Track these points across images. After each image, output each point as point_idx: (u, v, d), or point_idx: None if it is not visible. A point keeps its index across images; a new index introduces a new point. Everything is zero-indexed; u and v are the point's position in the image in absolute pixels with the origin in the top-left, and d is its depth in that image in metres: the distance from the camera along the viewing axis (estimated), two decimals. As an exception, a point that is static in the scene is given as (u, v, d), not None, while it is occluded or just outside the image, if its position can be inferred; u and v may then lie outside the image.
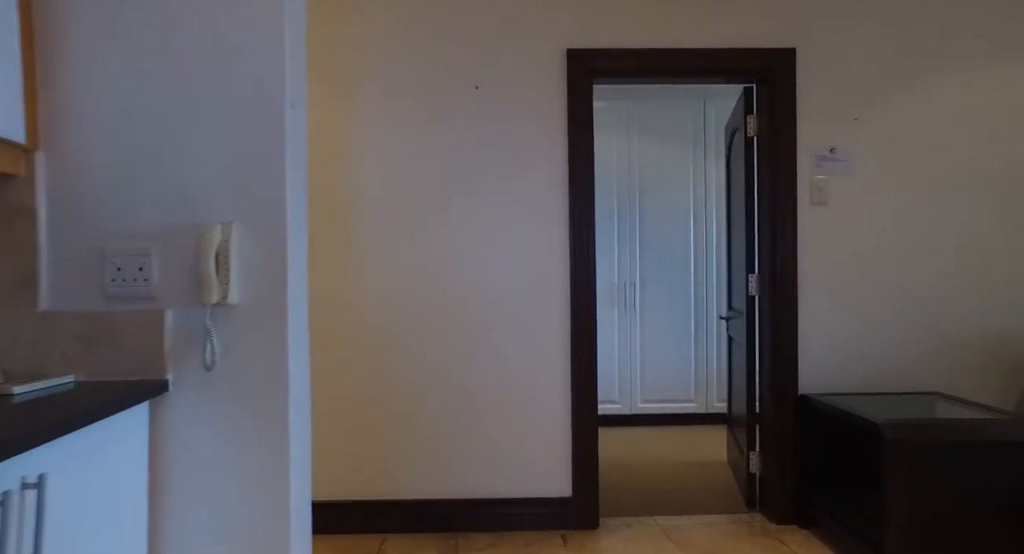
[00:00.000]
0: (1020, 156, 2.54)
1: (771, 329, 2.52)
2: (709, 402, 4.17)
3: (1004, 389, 2.55)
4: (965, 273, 2.54)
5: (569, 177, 2.46)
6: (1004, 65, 2.54)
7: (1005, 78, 2.54)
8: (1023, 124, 2.54)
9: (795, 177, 2.48)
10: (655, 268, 4.17)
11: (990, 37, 2.54)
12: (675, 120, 4.17)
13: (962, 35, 2.53)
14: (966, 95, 2.53)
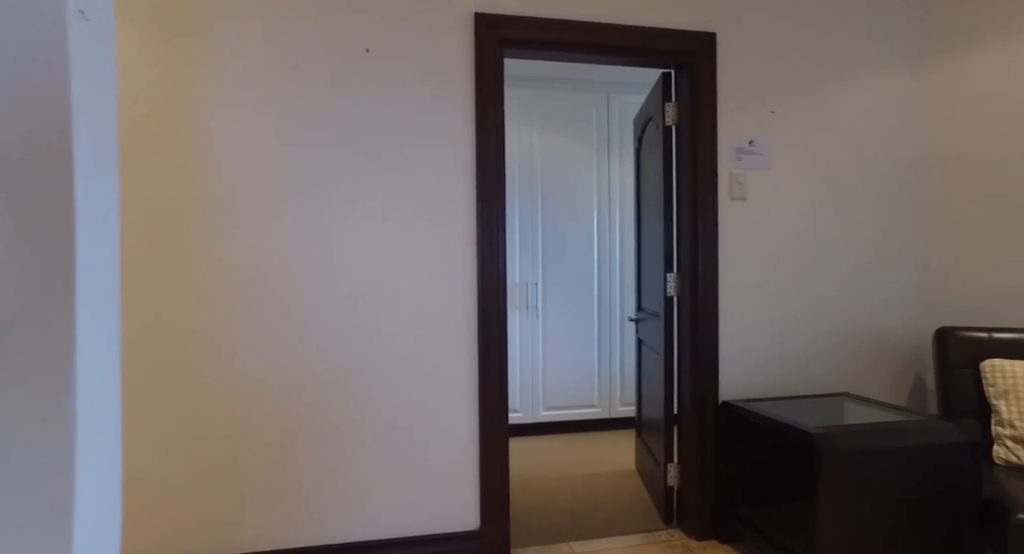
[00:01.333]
0: (917, 158, 2.59)
1: (692, 332, 2.35)
2: (612, 407, 4.03)
3: (899, 384, 2.58)
4: (866, 273, 2.54)
5: (477, 161, 2.13)
6: (905, 69, 2.58)
7: (907, 82, 2.58)
8: (922, 128, 2.60)
9: (716, 170, 2.33)
10: (558, 268, 3.95)
11: (893, 42, 2.56)
12: (579, 114, 3.98)
13: (870, 37, 2.53)
14: (876, 96, 2.54)
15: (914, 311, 2.60)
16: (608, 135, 4.03)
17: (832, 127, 2.48)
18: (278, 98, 2.01)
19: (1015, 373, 2.09)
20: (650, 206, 2.78)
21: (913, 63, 2.62)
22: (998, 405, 2.09)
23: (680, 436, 2.44)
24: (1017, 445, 2.02)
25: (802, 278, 2.45)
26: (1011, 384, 2.08)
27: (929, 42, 2.62)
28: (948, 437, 1.86)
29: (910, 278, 2.59)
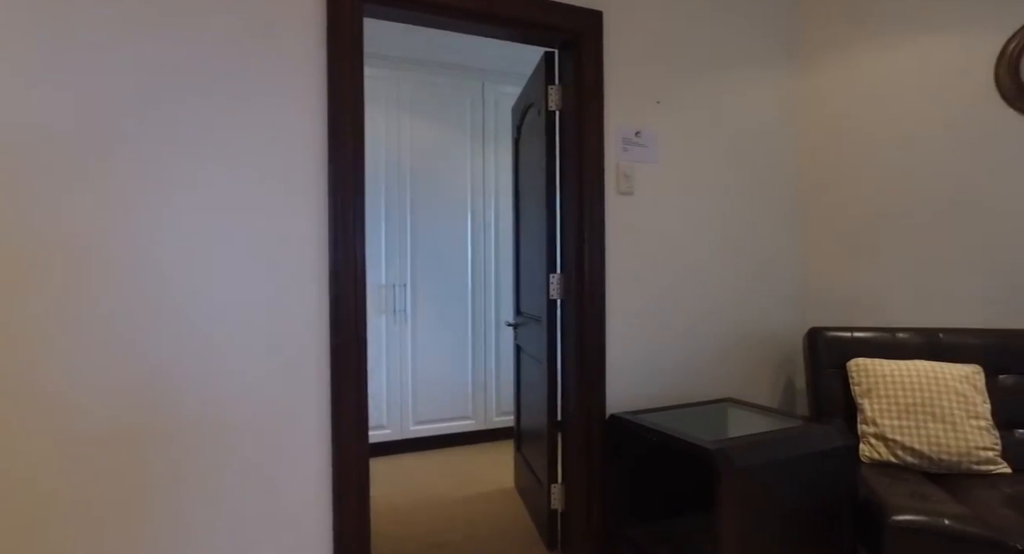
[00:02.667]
0: (795, 163, 2.62)
1: (577, 338, 2.14)
2: (488, 417, 3.77)
3: (774, 385, 2.59)
4: (749, 275, 2.51)
5: (329, 136, 1.73)
6: (784, 72, 2.59)
7: (785, 86, 2.59)
8: (799, 133, 2.62)
9: (603, 161, 2.14)
10: (429, 269, 3.61)
11: (772, 42, 2.56)
12: (452, 101, 3.67)
13: (751, 34, 2.50)
14: (757, 95, 2.51)
15: (790, 314, 2.62)
16: (483, 126, 3.76)
17: (717, 124, 2.41)
18: (31, 40, 1.47)
19: (878, 372, 2.12)
20: (530, 201, 2.55)
21: (790, 66, 2.64)
22: (863, 403, 2.12)
23: (565, 453, 2.22)
24: (879, 442, 2.05)
25: (689, 280, 2.35)
26: (874, 383, 2.11)
27: (802, 50, 2.66)
28: (831, 442, 1.81)
29: (789, 281, 2.60)
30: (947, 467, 1.99)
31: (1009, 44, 2.39)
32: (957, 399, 2.02)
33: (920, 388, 2.06)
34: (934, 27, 2.48)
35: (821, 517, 1.80)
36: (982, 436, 1.98)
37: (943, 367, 2.09)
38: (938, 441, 1.99)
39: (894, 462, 2.03)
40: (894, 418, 2.05)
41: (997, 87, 2.42)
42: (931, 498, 1.76)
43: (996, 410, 2.11)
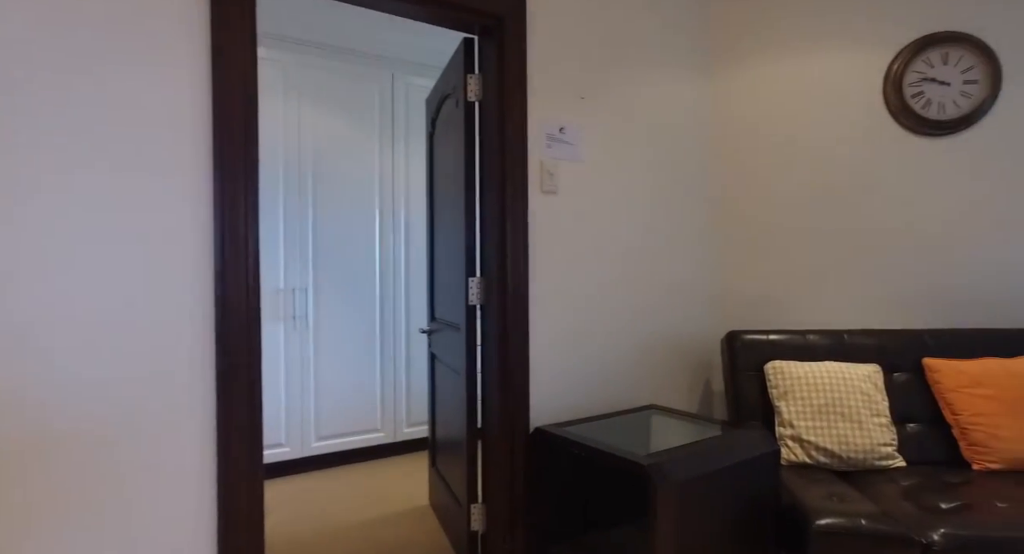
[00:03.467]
0: (711, 164, 2.64)
1: (500, 347, 2.00)
2: (398, 429, 3.54)
3: (693, 390, 2.60)
4: (671, 279, 2.50)
5: (215, 116, 1.46)
6: (700, 77, 2.60)
7: (701, 89, 2.60)
8: (713, 134, 2.64)
9: (526, 157, 2.02)
10: (334, 271, 3.33)
11: (696, 43, 2.56)
12: (359, 92, 3.41)
13: (678, 38, 2.48)
14: (676, 97, 2.50)
15: (708, 318, 2.63)
16: (393, 118, 3.54)
17: (639, 124, 2.37)
18: None
19: (793, 374, 2.16)
20: (446, 199, 2.38)
21: (706, 71, 2.67)
22: (780, 406, 2.15)
23: (486, 470, 2.07)
24: (796, 444, 2.08)
25: (612, 284, 2.28)
26: (790, 385, 2.15)
27: (716, 57, 2.70)
28: (757, 448, 1.80)
29: (707, 285, 2.62)
30: (854, 464, 2.05)
31: (893, 64, 2.55)
32: (862, 398, 2.10)
33: (830, 389, 2.11)
34: (832, 44, 2.59)
35: (749, 524, 1.78)
36: (883, 433, 2.06)
37: (849, 368, 2.17)
38: (847, 440, 2.05)
39: (809, 463, 2.07)
40: (808, 419, 2.09)
41: (885, 104, 2.57)
42: (846, 498, 1.79)
43: (892, 406, 2.22)
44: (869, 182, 2.57)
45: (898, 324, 2.53)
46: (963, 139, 2.53)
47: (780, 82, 2.63)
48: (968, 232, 2.52)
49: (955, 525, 1.64)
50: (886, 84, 2.56)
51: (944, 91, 2.53)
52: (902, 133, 2.56)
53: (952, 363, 2.17)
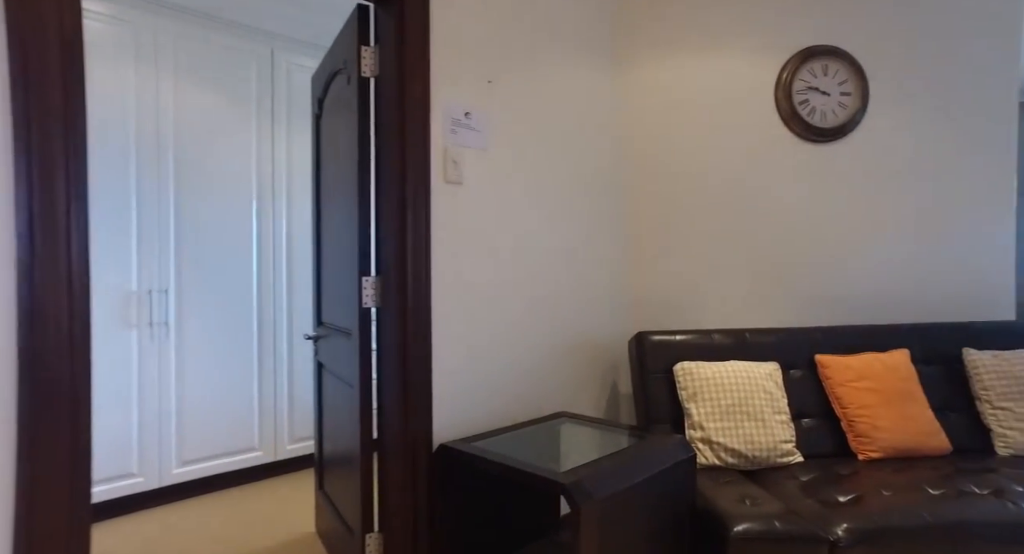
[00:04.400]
0: (617, 161, 2.57)
1: (400, 355, 1.77)
2: (279, 447, 3.17)
3: (601, 393, 2.52)
4: (578, 279, 2.40)
5: (11, 63, 1.11)
6: (605, 67, 2.52)
7: (606, 82, 2.53)
8: (618, 130, 2.58)
9: (429, 143, 1.81)
10: (201, 270, 2.90)
11: (606, 34, 2.48)
12: (232, 66, 3.00)
13: (589, 26, 2.38)
14: (584, 90, 2.40)
15: (615, 319, 2.57)
16: (273, 99, 3.16)
17: (548, 114, 2.24)
18: None
19: (701, 375, 2.14)
20: (337, 189, 2.11)
21: (617, 65, 2.60)
22: (690, 408, 2.12)
23: (383, 494, 1.83)
24: (706, 446, 2.06)
25: (520, 284, 2.13)
26: (699, 386, 2.12)
27: (625, 52, 2.64)
28: (675, 455, 1.73)
29: (614, 285, 2.55)
30: (759, 463, 2.06)
31: (783, 71, 2.64)
32: (765, 397, 2.12)
33: (737, 389, 2.11)
34: (732, 45, 2.64)
35: (668, 533, 1.70)
36: (784, 430, 2.10)
37: (752, 366, 2.18)
38: (753, 439, 2.05)
39: (718, 465, 2.05)
40: (717, 420, 2.07)
41: (777, 109, 2.66)
42: (757, 500, 1.77)
43: (790, 403, 2.28)
44: (764, 185, 2.64)
45: (793, 322, 2.62)
46: (842, 146, 2.67)
47: (683, 80, 2.64)
48: (848, 235, 2.66)
49: (854, 519, 1.68)
50: (777, 90, 2.65)
51: (826, 100, 2.66)
52: (792, 138, 2.66)
53: (840, 359, 2.26)
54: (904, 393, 2.19)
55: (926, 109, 2.70)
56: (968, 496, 1.80)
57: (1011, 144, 2.73)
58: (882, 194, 2.67)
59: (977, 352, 2.33)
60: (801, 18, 2.65)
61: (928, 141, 2.70)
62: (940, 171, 2.70)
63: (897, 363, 2.25)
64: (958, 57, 2.71)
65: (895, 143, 2.69)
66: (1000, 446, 2.21)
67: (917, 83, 2.70)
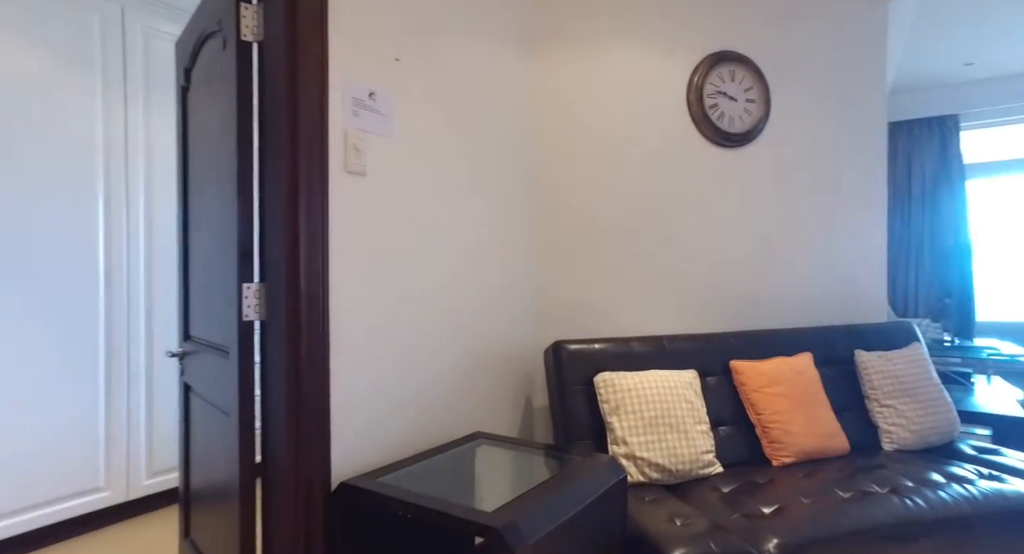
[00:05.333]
0: (531, 160, 2.40)
1: (290, 377, 1.47)
2: (134, 483, 2.66)
3: (515, 408, 2.34)
4: (491, 286, 2.20)
5: None
6: (523, 58, 2.34)
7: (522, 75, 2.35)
8: (533, 126, 2.41)
9: (327, 124, 1.52)
10: (23, 273, 2.34)
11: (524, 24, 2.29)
12: (67, 22, 2.46)
13: (507, 12, 2.18)
14: (499, 81, 2.20)
15: (528, 327, 2.40)
16: (125, 66, 2.64)
17: (460, 103, 2.02)
18: None
19: (623, 386, 2.03)
20: (209, 177, 1.75)
21: (534, 56, 2.43)
22: (612, 422, 2.00)
23: (269, 545, 1.52)
24: (630, 462, 1.95)
25: (430, 290, 1.89)
26: (621, 399, 2.01)
27: (540, 46, 2.48)
28: (607, 478, 1.59)
29: (526, 290, 2.37)
30: (682, 476, 1.99)
31: (695, 74, 2.63)
32: (687, 406, 2.05)
33: (659, 399, 2.03)
34: (649, 43, 2.58)
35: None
36: (704, 440, 2.04)
37: (673, 375, 2.11)
38: (675, 452, 1.98)
39: (643, 481, 1.95)
40: (641, 434, 1.97)
41: (689, 112, 2.64)
42: (686, 518, 1.68)
43: (708, 411, 2.24)
44: (678, 188, 2.61)
45: (708, 327, 2.61)
46: (748, 152, 2.72)
47: (600, 76, 2.53)
48: (754, 240, 2.71)
49: (781, 533, 1.64)
50: (690, 92, 2.63)
51: (733, 106, 2.68)
52: (703, 141, 2.65)
53: (754, 365, 2.26)
54: (811, 396, 2.23)
55: (817, 124, 2.82)
56: (872, 496, 1.84)
57: (882, 159, 2.93)
58: (782, 202, 2.75)
59: (866, 353, 2.44)
60: (711, 22, 2.65)
61: (818, 154, 2.82)
62: (827, 183, 2.83)
63: (803, 367, 2.29)
64: (842, 82, 2.86)
65: (792, 153, 2.78)
66: (886, 442, 2.32)
67: (810, 98, 2.81)
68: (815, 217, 2.80)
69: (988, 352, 3.49)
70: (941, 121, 5.03)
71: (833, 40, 2.84)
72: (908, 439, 2.30)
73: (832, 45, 2.84)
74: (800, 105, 2.79)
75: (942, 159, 5.03)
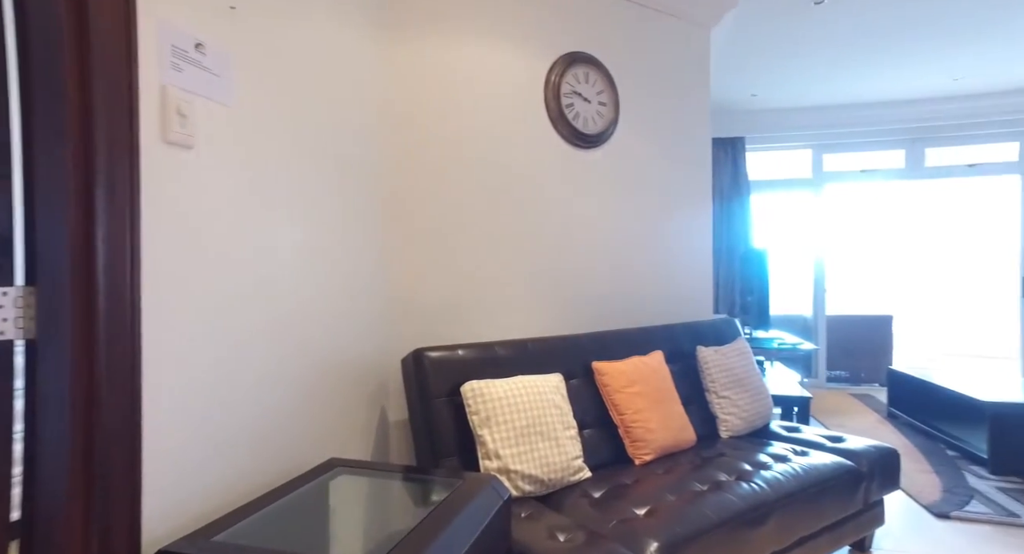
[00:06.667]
0: (381, 147, 2.14)
1: (79, 413, 1.06)
2: None
3: (369, 425, 2.07)
4: (344, 284, 1.90)
5: None
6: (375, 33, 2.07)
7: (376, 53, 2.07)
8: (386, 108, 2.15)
9: (136, 77, 1.13)
10: None
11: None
12: None
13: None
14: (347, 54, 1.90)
15: (381, 334, 2.13)
16: None
17: (302, 74, 1.70)
18: None
19: (493, 395, 1.89)
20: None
21: (391, 33, 2.16)
22: (483, 435, 1.85)
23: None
24: (504, 477, 1.82)
25: (270, 294, 1.56)
26: (492, 408, 1.87)
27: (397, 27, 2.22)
28: (494, 503, 1.43)
29: (377, 293, 2.11)
30: (554, 485, 1.91)
31: (552, 72, 2.61)
32: (555, 412, 1.98)
33: (530, 407, 1.92)
34: (510, 37, 2.48)
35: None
36: (574, 445, 1.99)
37: (541, 380, 2.03)
38: (547, 461, 1.89)
39: (517, 496, 1.82)
40: (513, 446, 1.84)
41: (546, 110, 2.60)
42: (567, 532, 1.60)
43: (574, 414, 2.19)
44: (535, 187, 2.55)
45: (568, 329, 2.58)
46: (600, 154, 2.76)
47: (460, 64, 2.36)
48: (606, 241, 2.76)
49: (658, 534, 1.63)
50: (547, 89, 2.59)
51: (587, 107, 2.71)
52: (560, 141, 2.63)
53: (614, 365, 2.27)
54: (665, 393, 2.31)
55: (657, 132, 2.98)
56: (725, 485, 1.94)
57: (708, 170, 3.21)
58: (629, 205, 2.85)
59: (705, 349, 2.62)
60: (568, 22, 2.65)
61: (658, 161, 2.99)
62: (666, 188, 3.01)
63: (657, 364, 2.37)
64: (676, 95, 3.07)
65: (637, 158, 2.90)
66: (723, 430, 2.51)
67: (651, 107, 2.96)
68: (657, 220, 2.95)
69: (778, 342, 4.05)
70: (732, 142, 5.76)
71: (668, 56, 3.03)
72: (739, 426, 2.51)
73: (668, 61, 3.02)
74: (643, 113, 2.92)
75: (734, 174, 5.77)
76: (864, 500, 2.21)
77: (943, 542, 2.44)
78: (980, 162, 5.35)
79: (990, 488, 3.00)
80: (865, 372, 5.63)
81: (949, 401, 3.66)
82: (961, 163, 5.41)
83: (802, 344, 3.98)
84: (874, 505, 2.30)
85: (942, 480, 3.11)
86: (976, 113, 5.14)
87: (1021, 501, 2.83)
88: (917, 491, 2.96)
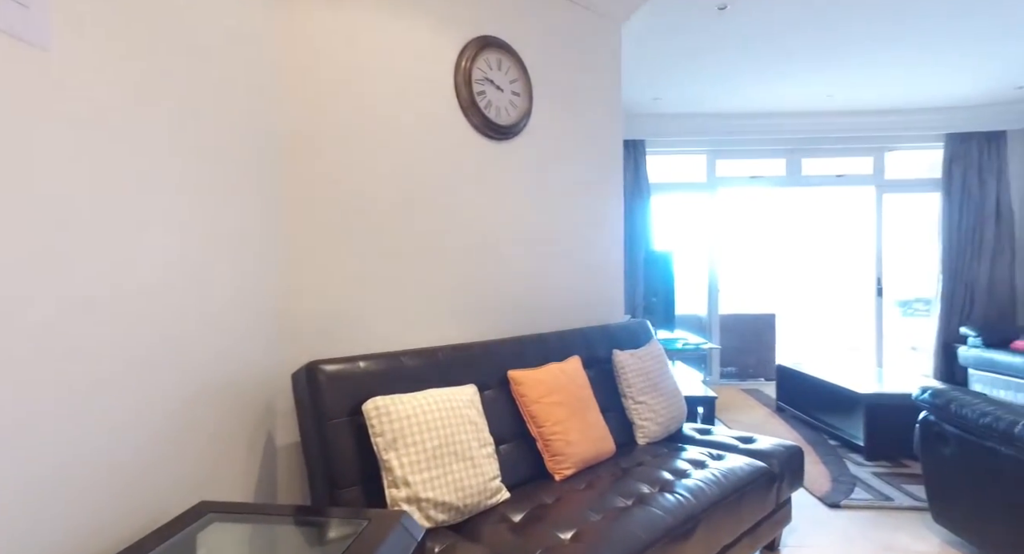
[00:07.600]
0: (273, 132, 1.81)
1: None
2: None
3: (252, 454, 1.74)
4: (209, 295, 1.57)
5: None
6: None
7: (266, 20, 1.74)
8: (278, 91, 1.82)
9: None
10: None
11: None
12: None
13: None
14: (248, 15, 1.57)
15: (268, 346, 1.81)
16: None
17: (173, 34, 1.36)
18: None
19: (400, 413, 1.65)
20: None
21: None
22: (389, 459, 1.60)
23: None
24: (413, 507, 1.59)
25: (124, 296, 1.21)
26: (399, 429, 1.63)
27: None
28: (406, 546, 1.20)
29: (265, 302, 1.78)
30: (470, 510, 1.70)
31: (462, 57, 2.40)
32: (471, 428, 1.77)
33: (441, 424, 1.70)
34: (417, 14, 2.23)
35: None
36: (491, 464, 1.80)
37: (453, 393, 1.81)
38: (462, 484, 1.68)
39: (429, 527, 1.59)
40: (424, 470, 1.61)
41: (457, 97, 2.39)
42: (489, 569, 1.40)
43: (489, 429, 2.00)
44: (444, 181, 2.32)
45: (480, 335, 2.38)
46: (513, 147, 2.59)
47: (363, 41, 2.09)
48: (520, 240, 2.59)
49: (588, 561, 1.48)
50: (457, 74, 2.37)
51: (500, 96, 2.53)
52: (471, 131, 2.43)
53: (531, 373, 2.11)
54: (584, 401, 2.18)
55: (568, 127, 2.87)
56: (649, 498, 1.84)
57: (619, 169, 3.14)
58: (542, 201, 2.70)
59: (622, 353, 2.52)
60: (480, 1, 2.45)
61: (570, 158, 2.87)
62: (578, 187, 2.90)
63: (574, 371, 2.23)
64: (587, 90, 2.98)
65: (550, 153, 2.76)
66: (640, 436, 2.43)
67: (563, 100, 2.84)
68: (570, 219, 2.83)
69: (682, 342, 4.11)
70: (634, 144, 5.85)
71: (582, 48, 2.92)
72: (656, 431, 2.44)
73: (581, 53, 2.92)
74: (557, 105, 2.79)
75: (635, 176, 5.86)
76: (776, 500, 2.21)
77: (838, 531, 2.53)
78: (845, 173, 5.84)
79: (868, 474, 3.19)
80: (752, 368, 5.94)
81: (830, 394, 3.88)
82: (831, 173, 5.87)
83: (705, 344, 4.06)
84: (784, 504, 2.32)
85: (830, 470, 3.27)
86: (842, 128, 5.60)
87: (893, 485, 3.02)
88: (810, 483, 3.08)
